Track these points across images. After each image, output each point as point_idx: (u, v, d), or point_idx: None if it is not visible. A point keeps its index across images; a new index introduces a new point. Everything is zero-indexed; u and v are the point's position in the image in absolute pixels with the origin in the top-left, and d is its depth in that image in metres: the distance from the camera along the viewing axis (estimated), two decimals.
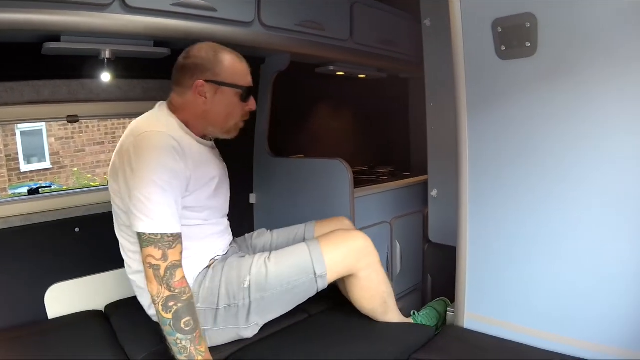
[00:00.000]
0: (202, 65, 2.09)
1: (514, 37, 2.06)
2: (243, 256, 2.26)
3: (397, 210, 3.29)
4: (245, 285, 2.07)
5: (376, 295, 2.33)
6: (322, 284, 2.16)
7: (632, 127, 1.87)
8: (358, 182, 3.10)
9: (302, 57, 3.16)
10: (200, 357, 1.81)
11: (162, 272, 1.80)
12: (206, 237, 2.19)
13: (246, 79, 2.16)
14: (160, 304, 1.80)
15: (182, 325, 1.79)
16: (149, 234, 1.82)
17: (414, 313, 2.62)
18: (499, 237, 2.25)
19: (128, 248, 2.11)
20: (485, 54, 2.16)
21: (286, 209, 2.69)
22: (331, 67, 3.43)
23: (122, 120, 9.46)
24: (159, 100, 2.23)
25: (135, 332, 2.36)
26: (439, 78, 2.99)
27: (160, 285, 1.80)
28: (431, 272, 3.56)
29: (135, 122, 2.08)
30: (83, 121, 7.91)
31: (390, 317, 2.39)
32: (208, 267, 2.15)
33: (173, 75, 2.16)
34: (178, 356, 1.83)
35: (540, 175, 2.10)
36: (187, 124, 2.12)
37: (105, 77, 2.57)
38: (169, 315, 1.79)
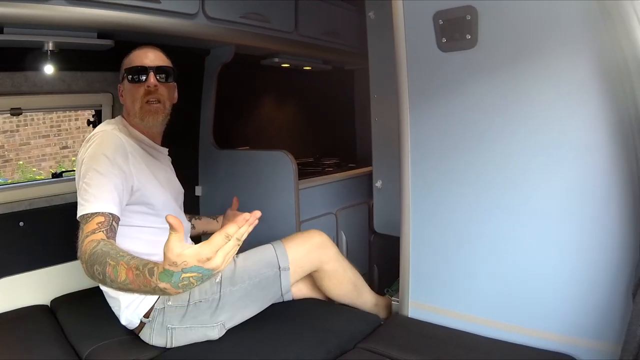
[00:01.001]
0: (123, 67, 2.22)
1: (455, 30, 2.09)
2: None
3: (342, 201, 3.31)
4: (217, 280, 2.14)
5: (344, 282, 2.47)
6: (285, 282, 2.28)
7: (569, 119, 1.92)
8: (304, 174, 3.11)
9: (246, 48, 3.14)
10: (130, 286, 1.52)
11: (78, 244, 1.73)
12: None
13: (135, 61, 2.18)
14: (87, 272, 1.68)
15: (97, 276, 1.60)
16: (79, 218, 1.82)
17: (387, 291, 2.81)
18: (442, 226, 2.29)
19: None
20: (427, 46, 2.19)
21: (232, 201, 2.67)
22: (276, 59, 3.43)
23: (67, 113, 9.27)
24: (102, 92, 2.23)
25: (82, 326, 2.34)
26: (383, 70, 3.00)
27: (80, 260, 1.69)
28: (377, 262, 3.59)
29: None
30: (28, 114, 7.74)
31: (366, 297, 2.55)
32: None
33: None
34: (129, 293, 1.81)
35: (481, 166, 2.14)
36: (132, 126, 2.21)
37: (49, 69, 2.53)
38: (89, 275, 1.65)
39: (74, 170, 2.07)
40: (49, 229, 2.70)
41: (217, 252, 1.35)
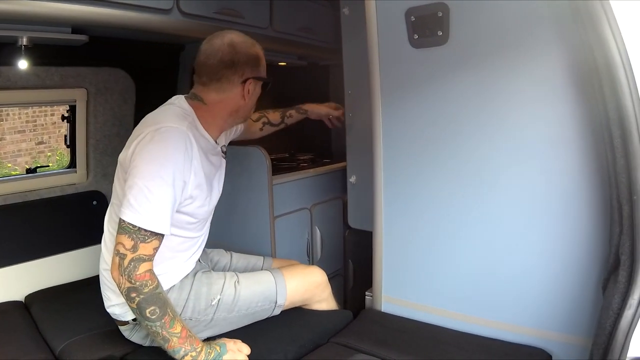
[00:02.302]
0: (252, 62, 2.10)
1: (427, 26, 2.11)
2: (209, 271, 2.27)
3: (316, 196, 3.30)
4: (213, 303, 2.11)
5: None
6: (276, 312, 2.27)
7: (539, 116, 1.95)
8: (278, 169, 3.11)
9: None
10: (175, 338, 1.82)
11: (126, 262, 1.76)
12: (186, 253, 2.16)
13: (265, 71, 2.20)
14: (123, 293, 1.79)
15: (148, 314, 1.78)
16: (128, 223, 1.77)
17: None
18: (414, 221, 2.31)
19: (112, 241, 2.00)
20: (399, 43, 2.20)
21: None
22: None
23: (43, 108, 9.17)
24: (77, 88, 2.18)
25: (56, 321, 2.35)
26: (357, 66, 3.00)
27: (121, 275, 1.77)
28: (352, 257, 3.60)
29: (155, 114, 2.03)
30: (3, 109, 7.63)
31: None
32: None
33: (211, 70, 2.07)
34: (155, 338, 1.86)
35: (453, 161, 2.16)
36: (209, 120, 2.09)
37: (23, 64, 2.51)
38: (134, 305, 1.79)
39: (47, 167, 2.03)
40: (23, 225, 2.68)
41: None
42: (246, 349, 1.96)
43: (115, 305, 2.07)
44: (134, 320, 2.06)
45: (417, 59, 2.19)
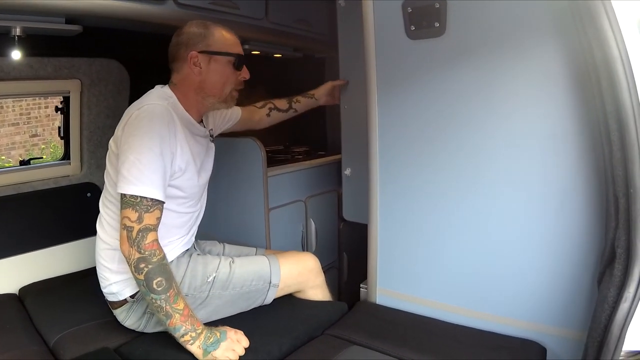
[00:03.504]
0: (194, 38, 2.15)
1: (423, 18, 2.10)
2: (204, 254, 2.33)
3: (311, 189, 3.30)
4: (209, 280, 2.14)
5: None
6: (271, 296, 2.29)
7: (536, 109, 1.95)
8: (273, 161, 3.10)
9: None
10: (177, 315, 1.86)
11: (134, 234, 1.83)
12: (180, 230, 2.22)
13: (237, 48, 2.22)
14: (132, 265, 1.84)
15: (155, 286, 1.82)
16: (130, 195, 1.85)
17: None
18: (409, 214, 2.30)
19: (108, 222, 2.10)
20: (395, 34, 2.20)
21: None
22: (246, 46, 3.38)
23: (37, 101, 9.15)
24: (71, 79, 2.18)
25: (50, 314, 2.35)
26: (353, 58, 3.00)
27: (131, 247, 1.83)
28: (346, 250, 3.60)
29: (138, 100, 2.09)
30: None
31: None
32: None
33: (169, 55, 2.22)
34: (157, 314, 1.90)
35: (448, 154, 2.16)
36: (186, 102, 2.16)
37: (16, 55, 2.49)
38: (141, 277, 1.83)
39: (41, 158, 2.04)
40: (17, 217, 2.68)
41: None
42: (245, 341, 1.97)
43: (113, 283, 2.10)
44: (131, 297, 2.09)
45: (413, 50, 2.18)
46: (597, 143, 1.79)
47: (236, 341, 1.95)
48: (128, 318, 2.14)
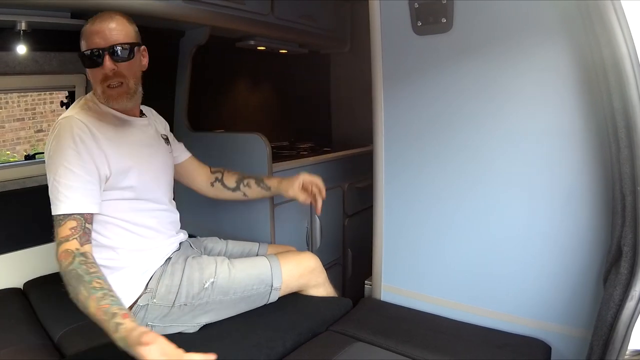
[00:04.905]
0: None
1: (430, 13, 2.10)
2: (200, 255, 2.27)
3: None
4: (206, 286, 2.09)
5: None
6: (273, 297, 2.25)
7: (542, 106, 1.94)
8: (279, 157, 3.09)
9: (221, 30, 3.11)
10: (94, 318, 1.67)
11: (55, 248, 1.79)
12: (154, 229, 2.16)
13: (88, 42, 1.96)
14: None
15: (71, 294, 1.73)
16: (54, 216, 1.82)
17: None
18: (414, 211, 2.31)
19: None
20: (402, 29, 2.19)
21: None
22: (252, 42, 3.39)
23: (42, 96, 9.18)
24: (76, 73, 2.16)
25: (55, 308, 2.34)
26: None
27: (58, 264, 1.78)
28: (351, 246, 3.61)
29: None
30: (2, 97, 7.62)
31: None
32: (166, 261, 2.15)
33: None
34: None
35: (453, 150, 2.16)
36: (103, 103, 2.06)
37: (21, 49, 2.50)
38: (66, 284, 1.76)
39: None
40: (22, 212, 2.68)
41: None
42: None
43: None
44: (129, 308, 2.06)
45: (419, 46, 2.17)
46: (604, 141, 1.78)
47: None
48: None
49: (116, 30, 1.97)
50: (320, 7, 3.81)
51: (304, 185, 2.37)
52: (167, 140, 2.36)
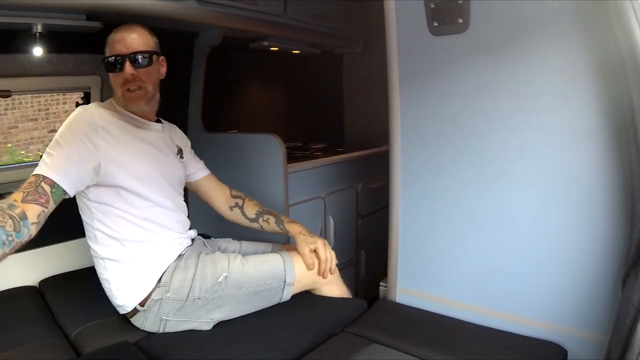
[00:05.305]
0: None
1: (447, 13, 2.08)
2: (213, 252, 2.33)
3: (330, 185, 3.29)
4: (220, 280, 2.12)
5: None
6: (287, 294, 2.26)
7: (560, 106, 1.92)
8: (292, 158, 3.09)
9: (235, 32, 3.11)
10: None
11: None
12: (163, 228, 2.21)
13: (111, 49, 2.12)
14: None
15: None
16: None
17: None
18: (430, 212, 2.30)
19: (88, 230, 2.15)
20: (418, 30, 2.18)
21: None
22: (265, 43, 3.39)
23: (55, 97, 9.25)
24: (91, 75, 2.20)
25: (70, 306, 2.36)
26: None
27: None
28: (364, 247, 3.60)
29: None
30: (15, 97, 7.67)
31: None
32: (179, 257, 2.20)
33: None
34: None
35: (470, 151, 2.15)
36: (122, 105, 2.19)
37: (37, 51, 2.51)
38: None
39: None
40: None
41: None
42: None
43: (115, 295, 2.12)
44: (141, 304, 2.10)
45: (436, 46, 2.16)
46: (622, 141, 1.77)
47: None
48: (145, 325, 2.14)
49: (137, 40, 2.12)
50: (333, 7, 3.80)
51: (318, 252, 2.32)
52: (180, 151, 2.44)
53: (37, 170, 1.84)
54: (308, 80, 4.52)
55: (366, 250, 3.63)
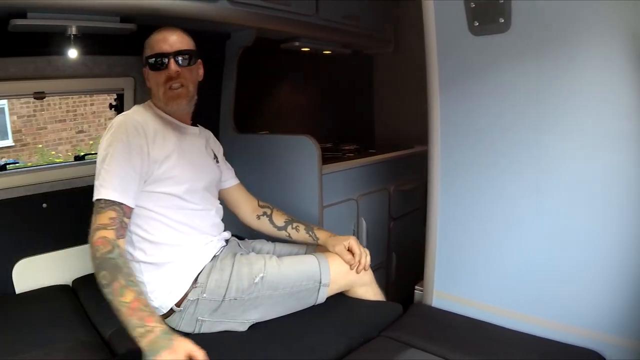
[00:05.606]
0: (144, 51, 2.20)
1: (487, 13, 2.05)
2: (248, 253, 2.34)
3: (363, 187, 3.28)
4: (256, 281, 2.12)
5: None
6: (322, 295, 2.25)
7: (603, 107, 1.88)
8: (324, 159, 3.07)
9: (267, 32, 3.13)
10: (124, 308, 1.74)
11: (90, 234, 1.87)
12: (196, 231, 2.22)
13: (155, 47, 2.16)
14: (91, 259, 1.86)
15: (101, 279, 1.79)
16: (95, 201, 1.92)
17: None
18: (470, 216, 2.27)
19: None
20: (458, 30, 2.15)
21: (253, 185, 2.66)
22: (296, 43, 3.40)
23: (82, 98, 9.41)
24: (125, 76, 2.24)
25: (105, 307, 2.34)
26: None
27: (90, 247, 1.85)
28: (396, 250, 3.58)
29: None
30: (45, 99, 7.78)
31: None
32: (214, 258, 2.21)
33: None
34: (113, 309, 1.82)
35: (512, 155, 2.11)
36: (159, 108, 2.23)
37: (72, 53, 2.54)
38: (95, 272, 1.82)
39: (95, 154, 2.11)
40: (71, 211, 2.72)
41: None
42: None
43: (151, 297, 2.11)
44: (177, 305, 2.10)
45: (476, 47, 2.13)
46: None
47: (182, 353, 1.69)
48: (180, 326, 2.14)
49: (179, 40, 2.18)
50: (365, 7, 3.79)
51: (351, 248, 2.33)
52: (215, 156, 2.47)
53: (110, 194, 1.91)
54: (338, 81, 4.51)
55: (397, 253, 3.61)
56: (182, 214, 2.15)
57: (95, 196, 1.91)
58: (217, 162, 2.46)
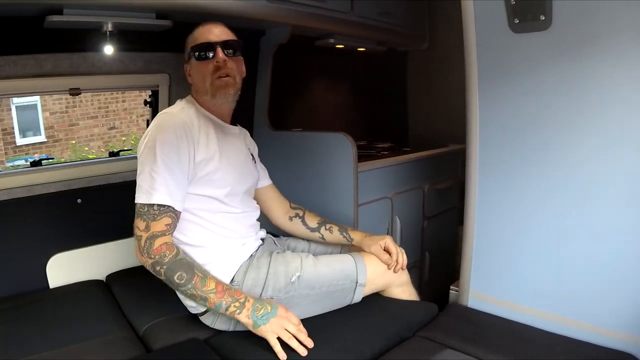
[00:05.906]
0: (188, 44, 2.20)
1: (528, 10, 2.02)
2: (283, 251, 2.34)
3: (398, 185, 3.26)
4: (293, 280, 2.12)
5: None
6: (358, 295, 2.25)
7: None
8: (358, 157, 3.07)
9: (302, 29, 3.14)
10: (211, 295, 1.90)
11: (142, 242, 1.90)
12: (236, 233, 2.23)
13: (200, 38, 2.16)
14: (151, 271, 1.93)
15: (178, 280, 1.89)
16: (139, 205, 1.93)
17: None
18: (507, 216, 2.25)
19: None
20: (498, 27, 2.12)
21: (288, 183, 2.66)
22: (331, 40, 3.40)
23: (114, 95, 9.51)
24: (160, 73, 2.27)
25: (139, 302, 2.43)
26: None
27: (142, 255, 1.91)
28: (429, 249, 3.55)
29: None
30: (76, 95, 7.89)
31: None
32: (251, 257, 2.21)
33: None
34: (195, 301, 1.98)
35: (549, 155, 2.08)
36: (203, 105, 2.21)
37: (107, 50, 2.57)
38: (163, 278, 1.92)
39: (129, 150, 2.11)
40: (105, 206, 2.79)
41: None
42: (295, 320, 1.95)
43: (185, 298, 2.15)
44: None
45: (516, 44, 2.10)
46: None
47: (286, 319, 1.93)
48: (215, 323, 2.15)
49: (224, 31, 2.19)
50: (399, 4, 3.77)
51: (388, 247, 2.32)
52: (252, 157, 2.46)
53: (161, 199, 1.92)
54: (372, 78, 4.50)
55: (430, 252, 3.59)
56: (221, 217, 2.14)
57: (145, 199, 1.91)
58: (255, 162, 2.45)
